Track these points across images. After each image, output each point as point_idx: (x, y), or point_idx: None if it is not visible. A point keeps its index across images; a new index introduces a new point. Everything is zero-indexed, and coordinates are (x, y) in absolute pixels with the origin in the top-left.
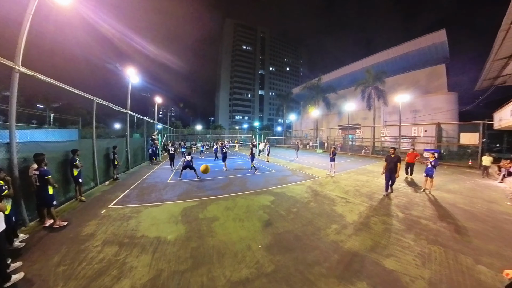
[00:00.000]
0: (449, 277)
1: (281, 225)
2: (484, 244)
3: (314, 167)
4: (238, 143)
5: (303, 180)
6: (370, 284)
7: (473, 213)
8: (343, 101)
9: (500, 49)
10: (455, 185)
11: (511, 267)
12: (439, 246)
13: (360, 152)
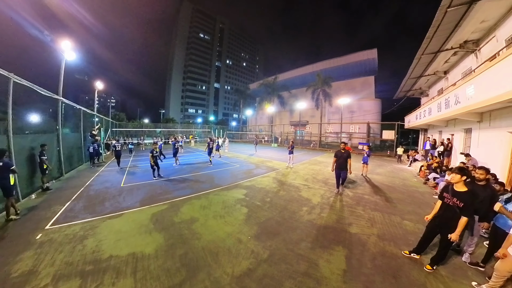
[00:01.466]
0: (389, 231)
1: (261, 214)
2: (404, 207)
3: (274, 160)
4: (194, 138)
5: (267, 173)
6: (346, 246)
7: (394, 188)
8: (294, 100)
9: (413, 72)
10: (380, 169)
11: (424, 215)
12: (379, 212)
13: (309, 146)
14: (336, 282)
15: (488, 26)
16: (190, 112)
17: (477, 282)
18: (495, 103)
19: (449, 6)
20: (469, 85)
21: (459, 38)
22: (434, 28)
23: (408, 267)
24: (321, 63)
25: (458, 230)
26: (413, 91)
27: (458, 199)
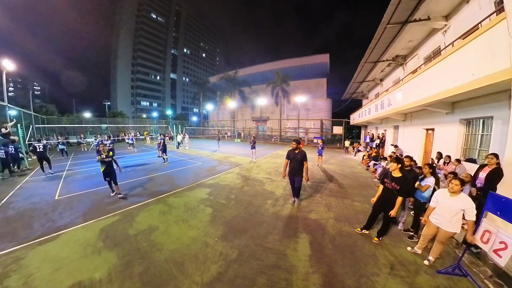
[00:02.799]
0: (343, 213)
1: (226, 213)
2: (353, 191)
3: (237, 156)
4: (149, 135)
5: (231, 169)
6: (309, 233)
7: (344, 175)
8: (255, 95)
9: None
10: (332, 160)
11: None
12: (333, 197)
13: (271, 140)
14: (304, 268)
15: (413, 45)
16: (144, 105)
17: (411, 246)
18: (414, 107)
19: (388, 23)
20: (398, 91)
21: (392, 52)
22: (375, 40)
23: (361, 242)
24: (281, 62)
25: (396, 207)
26: (357, 94)
27: (395, 183)
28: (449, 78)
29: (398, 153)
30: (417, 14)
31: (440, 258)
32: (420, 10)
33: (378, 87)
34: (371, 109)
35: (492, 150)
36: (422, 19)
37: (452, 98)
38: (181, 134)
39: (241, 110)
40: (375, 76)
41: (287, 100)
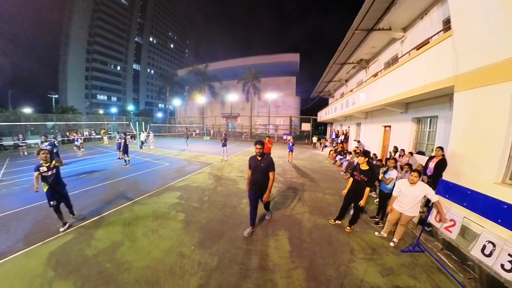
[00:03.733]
0: (316, 206)
1: (200, 217)
2: (324, 184)
3: (207, 154)
4: (107, 133)
5: (201, 168)
6: (287, 229)
7: (314, 169)
8: (226, 91)
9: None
10: (302, 155)
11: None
12: (306, 192)
13: (241, 137)
14: (286, 265)
15: (376, 51)
16: (100, 99)
17: (378, 231)
18: (375, 106)
19: (356, 29)
20: (361, 92)
21: (358, 56)
22: (344, 43)
23: (335, 232)
24: (252, 58)
25: (364, 197)
26: (324, 93)
27: (364, 175)
28: (404, 82)
29: (361, 148)
30: (381, 24)
31: (403, 239)
32: (384, 20)
33: (343, 87)
34: (337, 108)
35: (437, 144)
36: (384, 29)
37: (407, 100)
38: (145, 132)
39: (210, 106)
40: (341, 77)
41: (258, 97)
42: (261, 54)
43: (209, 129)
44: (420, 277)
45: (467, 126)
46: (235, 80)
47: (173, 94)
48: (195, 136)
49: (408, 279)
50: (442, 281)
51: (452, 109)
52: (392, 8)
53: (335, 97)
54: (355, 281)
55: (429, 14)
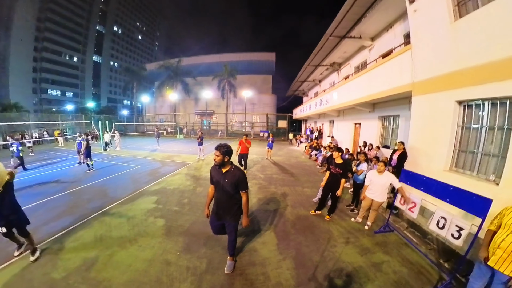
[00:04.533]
0: (297, 199)
1: (183, 220)
2: (302, 178)
3: (182, 154)
4: (62, 134)
5: (177, 169)
6: (271, 224)
7: (292, 165)
8: (200, 88)
9: (300, 77)
10: (280, 152)
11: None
12: (287, 186)
13: (217, 135)
14: (276, 257)
15: (347, 56)
16: (52, 94)
17: (353, 217)
18: (346, 105)
19: (330, 35)
20: (334, 92)
21: (331, 59)
22: (319, 47)
23: (317, 221)
24: (228, 55)
25: (340, 188)
26: (298, 91)
27: (339, 168)
28: (372, 85)
29: (334, 143)
30: (352, 33)
31: (375, 222)
32: (355, 30)
33: (317, 87)
34: (311, 106)
35: (399, 139)
36: (355, 37)
37: (374, 101)
38: (109, 132)
39: (183, 103)
40: (315, 78)
41: (233, 94)
42: (237, 52)
43: (182, 127)
44: (391, 253)
45: (422, 124)
46: (210, 77)
47: (141, 90)
48: (167, 135)
49: (382, 255)
50: (409, 253)
51: (411, 110)
52: (362, 20)
53: (309, 96)
54: (339, 263)
55: (393, 27)
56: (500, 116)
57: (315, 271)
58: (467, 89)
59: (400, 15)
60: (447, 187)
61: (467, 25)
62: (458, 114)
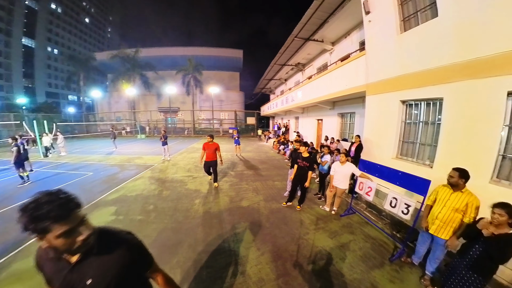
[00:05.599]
0: (269, 193)
1: (149, 230)
2: (272, 172)
3: (145, 156)
4: None
5: (139, 173)
6: (246, 220)
7: (261, 160)
8: (162, 82)
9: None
10: (249, 148)
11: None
12: (258, 182)
13: (184, 134)
14: (253, 254)
15: (310, 57)
16: None
17: (321, 204)
18: (309, 103)
19: (296, 36)
20: (298, 90)
21: (296, 59)
22: (285, 47)
23: (289, 212)
24: (194, 49)
25: (308, 180)
26: (266, 89)
27: (305, 161)
28: (332, 85)
29: (300, 138)
30: (316, 36)
31: (340, 207)
32: (318, 33)
33: (283, 86)
34: (278, 103)
35: (356, 133)
36: (318, 40)
37: (333, 99)
38: (49, 135)
39: (144, 99)
40: (281, 76)
41: (199, 90)
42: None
43: (144, 126)
44: (356, 232)
45: (374, 120)
46: (174, 71)
47: (90, 83)
48: (126, 135)
49: (349, 235)
50: (370, 230)
51: (365, 108)
52: (325, 25)
53: (276, 93)
54: (313, 248)
55: (350, 35)
56: (432, 113)
57: (293, 260)
58: (409, 91)
59: (357, 24)
60: (396, 172)
61: (409, 38)
62: (402, 112)
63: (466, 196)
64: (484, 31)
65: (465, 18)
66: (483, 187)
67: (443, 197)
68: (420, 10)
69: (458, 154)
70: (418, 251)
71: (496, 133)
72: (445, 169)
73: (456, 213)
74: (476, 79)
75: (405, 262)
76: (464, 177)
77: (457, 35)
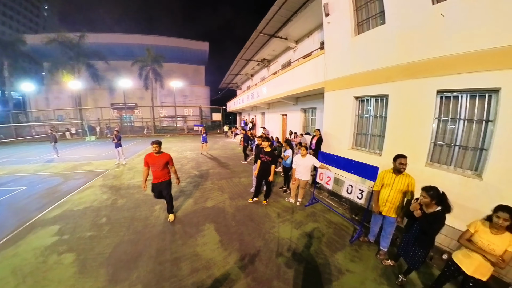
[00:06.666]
0: (235, 190)
1: (102, 246)
2: (238, 169)
3: (95, 161)
4: None
5: (88, 182)
6: (211, 221)
7: (228, 157)
8: (116, 75)
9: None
10: (216, 145)
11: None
12: (224, 180)
13: (143, 133)
14: (220, 255)
15: (276, 54)
16: None
17: (286, 197)
18: (274, 99)
19: (261, 31)
20: (264, 86)
21: (261, 55)
22: (250, 42)
23: (255, 208)
24: (153, 38)
25: (272, 174)
26: (232, 84)
27: (268, 156)
28: (294, 81)
29: (266, 133)
30: (280, 33)
31: (304, 197)
32: (282, 31)
33: (249, 81)
34: (244, 99)
35: (317, 126)
36: (282, 38)
37: (296, 95)
38: None
39: (92, 94)
40: (247, 72)
41: (160, 84)
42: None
43: (94, 126)
44: (319, 219)
45: (332, 114)
46: (129, 62)
47: (19, 74)
48: (72, 137)
49: (313, 224)
50: (332, 216)
51: (324, 103)
52: (289, 23)
53: (242, 89)
54: (280, 241)
55: (312, 35)
56: (380, 108)
57: (261, 256)
58: (361, 88)
59: (318, 25)
60: (351, 161)
61: (361, 40)
62: (355, 107)
63: (406, 178)
64: (419, 39)
65: (406, 27)
66: (420, 170)
67: (389, 181)
68: (372, 16)
69: (400, 143)
70: (373, 230)
71: (429, 124)
72: (391, 156)
73: (401, 193)
74: (414, 79)
75: (363, 241)
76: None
77: (399, 41)
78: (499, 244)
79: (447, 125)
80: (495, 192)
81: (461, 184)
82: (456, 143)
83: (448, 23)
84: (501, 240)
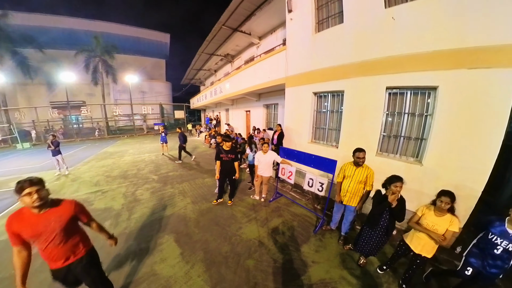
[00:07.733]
0: (198, 193)
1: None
2: (202, 169)
3: (28, 173)
4: None
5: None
6: (171, 231)
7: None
8: (55, 66)
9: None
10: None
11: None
12: (186, 182)
13: (94, 135)
14: (181, 270)
15: (239, 49)
16: None
17: (251, 194)
18: (237, 95)
19: (223, 24)
20: (227, 82)
21: (225, 50)
22: (212, 35)
23: (220, 210)
24: (104, 24)
25: (237, 171)
26: (195, 80)
27: (230, 154)
28: (256, 77)
29: (230, 130)
30: (244, 28)
31: (268, 193)
32: (246, 25)
33: (213, 77)
34: (207, 95)
35: (278, 121)
36: (246, 32)
37: (258, 91)
38: None
39: (25, 91)
40: (210, 67)
41: (112, 79)
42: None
43: (29, 130)
44: (284, 213)
45: (293, 109)
46: (73, 51)
47: None
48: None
49: (278, 219)
50: (296, 208)
51: (285, 99)
52: (252, 18)
53: (206, 85)
54: (246, 243)
55: (276, 31)
56: (337, 103)
57: (228, 263)
58: (319, 84)
59: (282, 22)
60: (310, 156)
61: (321, 38)
62: (314, 102)
63: (365, 170)
64: (372, 39)
65: (361, 27)
66: (371, 160)
67: (350, 173)
68: (331, 15)
69: (355, 136)
70: (335, 218)
71: (379, 118)
72: (347, 147)
73: (360, 184)
74: (366, 76)
75: (326, 229)
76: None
77: (355, 40)
78: (441, 224)
79: (394, 118)
80: (432, 174)
81: (405, 170)
82: (401, 134)
83: (397, 26)
84: (443, 221)
